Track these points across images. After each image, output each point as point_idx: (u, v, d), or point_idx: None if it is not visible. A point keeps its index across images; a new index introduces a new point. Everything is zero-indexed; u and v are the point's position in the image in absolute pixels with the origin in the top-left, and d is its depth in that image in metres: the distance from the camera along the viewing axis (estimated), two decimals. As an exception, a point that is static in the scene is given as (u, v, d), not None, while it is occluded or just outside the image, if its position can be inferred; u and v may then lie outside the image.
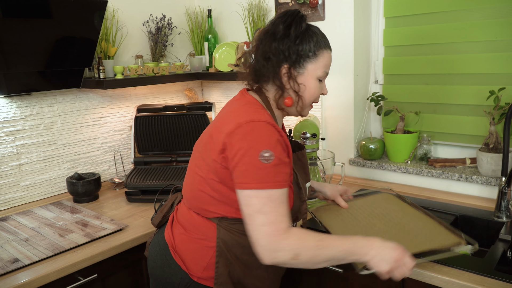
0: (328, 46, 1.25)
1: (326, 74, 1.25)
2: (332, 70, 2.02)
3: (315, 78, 1.21)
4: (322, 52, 1.21)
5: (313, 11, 2.07)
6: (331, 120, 2.11)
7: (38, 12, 1.70)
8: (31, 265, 1.37)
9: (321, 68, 1.22)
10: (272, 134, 1.10)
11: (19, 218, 1.77)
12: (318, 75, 1.21)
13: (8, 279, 1.30)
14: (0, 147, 1.82)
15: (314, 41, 1.20)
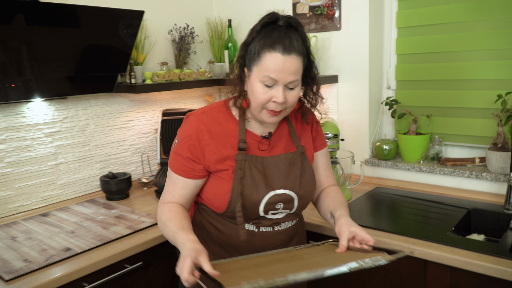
0: (275, 48, 1.11)
1: (271, 79, 1.13)
2: (348, 76, 2.18)
3: (258, 82, 1.15)
4: (265, 54, 1.12)
5: (330, 22, 2.22)
6: (347, 123, 2.25)
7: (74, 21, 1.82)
8: (83, 253, 1.49)
9: (263, 72, 1.13)
10: (190, 128, 1.26)
11: (59, 213, 1.88)
12: (260, 79, 1.14)
13: (64, 265, 1.41)
14: (40, 147, 1.94)
15: (261, 42, 1.14)
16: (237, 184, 1.23)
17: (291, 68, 1.13)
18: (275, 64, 1.11)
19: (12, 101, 1.76)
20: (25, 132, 1.88)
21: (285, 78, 1.13)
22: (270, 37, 1.13)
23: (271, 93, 1.15)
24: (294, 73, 1.14)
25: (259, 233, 1.30)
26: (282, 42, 1.12)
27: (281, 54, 1.11)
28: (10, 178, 1.85)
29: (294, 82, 1.15)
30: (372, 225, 1.63)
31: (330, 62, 2.26)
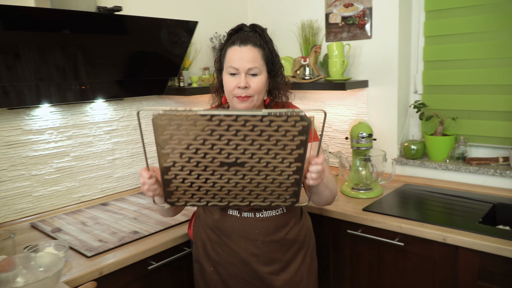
0: (234, 43, 1.37)
1: (233, 68, 1.35)
2: (378, 81, 2.35)
3: (226, 74, 1.39)
4: (228, 50, 1.39)
5: (361, 31, 2.40)
6: (376, 125, 2.42)
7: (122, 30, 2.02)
8: (149, 235, 1.68)
9: (227, 64, 1.38)
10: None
11: (117, 203, 2.08)
12: (227, 71, 1.38)
13: (134, 245, 1.60)
14: (99, 144, 2.14)
15: (226, 44, 1.41)
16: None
17: (247, 56, 1.35)
18: (234, 54, 1.36)
19: (75, 102, 1.96)
20: (88, 130, 2.09)
21: (244, 65, 1.35)
22: (233, 38, 1.40)
23: (236, 81, 1.37)
24: (251, 61, 1.36)
25: (241, 219, 1.43)
26: (240, 38, 1.38)
27: (238, 46, 1.37)
28: (74, 171, 2.05)
29: (253, 69, 1.36)
30: (404, 215, 1.79)
31: (361, 68, 2.44)
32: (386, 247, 1.80)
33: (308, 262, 1.53)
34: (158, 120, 1.04)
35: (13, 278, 1.29)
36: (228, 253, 1.44)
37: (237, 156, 1.10)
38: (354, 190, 2.10)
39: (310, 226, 1.61)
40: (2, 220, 1.83)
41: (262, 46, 1.38)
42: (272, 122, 1.04)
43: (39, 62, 1.74)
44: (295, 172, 1.13)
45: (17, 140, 1.85)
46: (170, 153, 1.09)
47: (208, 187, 1.16)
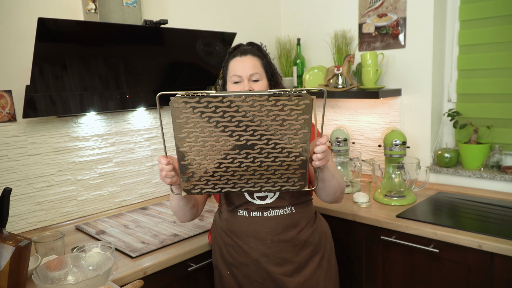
0: (235, 55, 1.52)
1: (236, 76, 1.49)
2: (412, 90, 2.36)
3: (230, 84, 1.52)
4: (229, 63, 1.53)
5: (394, 40, 2.42)
6: (409, 133, 2.43)
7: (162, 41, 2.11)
8: (188, 238, 1.75)
9: (230, 74, 1.52)
10: None
11: (156, 207, 2.16)
12: (231, 81, 1.52)
13: (176, 247, 1.67)
14: (140, 150, 2.24)
15: (228, 59, 1.55)
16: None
17: (248, 64, 1.49)
18: (236, 64, 1.50)
19: (121, 110, 2.06)
20: (129, 137, 2.19)
21: (246, 72, 1.48)
22: (233, 53, 1.55)
23: (240, 87, 1.49)
24: (252, 68, 1.49)
25: (250, 218, 1.50)
26: (239, 51, 1.53)
27: (239, 56, 1.52)
28: (116, 176, 2.15)
29: (255, 75, 1.49)
30: (438, 222, 1.80)
31: (394, 77, 2.46)
32: (420, 253, 1.81)
33: (325, 266, 1.57)
34: (175, 103, 1.12)
35: (64, 277, 1.38)
36: (240, 254, 1.51)
37: (247, 138, 1.18)
38: (387, 197, 2.11)
39: (326, 230, 1.65)
40: (49, 223, 1.93)
41: (260, 56, 1.53)
42: (277, 101, 1.12)
43: (84, 72, 1.85)
44: (301, 153, 1.20)
45: (65, 147, 1.96)
46: (186, 137, 1.17)
47: (222, 172, 1.24)
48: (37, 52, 1.61)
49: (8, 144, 1.79)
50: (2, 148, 1.78)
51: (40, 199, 1.90)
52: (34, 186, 1.88)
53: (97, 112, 1.99)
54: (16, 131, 1.81)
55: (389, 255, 1.92)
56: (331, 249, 1.63)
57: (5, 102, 1.77)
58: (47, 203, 1.92)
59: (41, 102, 1.75)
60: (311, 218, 1.58)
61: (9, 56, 1.77)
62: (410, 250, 1.84)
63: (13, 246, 1.27)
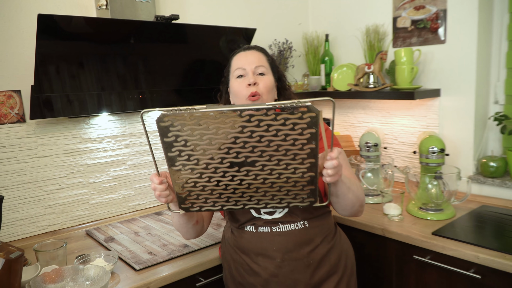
0: (239, 52, 1.43)
1: (240, 69, 1.38)
2: (452, 90, 2.14)
3: (233, 80, 1.39)
4: (232, 60, 1.43)
5: (433, 35, 2.20)
6: (449, 138, 2.20)
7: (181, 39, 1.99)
8: (199, 250, 1.62)
9: (233, 70, 1.40)
10: None
11: (170, 213, 2.05)
12: (234, 77, 1.39)
13: (184, 259, 1.55)
14: (155, 152, 2.13)
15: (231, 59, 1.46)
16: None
17: (252, 58, 1.39)
18: (239, 59, 1.40)
19: (134, 110, 1.96)
20: (144, 139, 2.09)
21: (250, 65, 1.37)
22: (235, 51, 1.46)
23: (245, 81, 1.36)
24: (257, 61, 1.38)
25: (257, 234, 1.35)
26: (243, 48, 1.45)
27: (243, 51, 1.42)
28: (131, 179, 2.06)
29: (260, 68, 1.38)
30: (481, 243, 1.58)
31: (432, 76, 2.24)
32: (460, 278, 1.60)
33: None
34: (161, 122, 0.99)
35: (60, 290, 1.29)
36: (249, 273, 1.36)
37: (246, 155, 1.04)
38: (422, 210, 1.91)
39: (346, 248, 1.46)
40: (60, 226, 1.86)
41: (265, 53, 1.44)
42: (278, 115, 0.97)
43: (100, 71, 1.76)
44: (309, 169, 1.05)
45: (76, 148, 1.88)
46: (177, 156, 1.05)
47: (221, 190, 1.12)
48: (38, 50, 1.52)
49: (17, 145, 1.72)
50: (11, 150, 1.71)
51: (50, 202, 1.83)
52: (44, 189, 1.80)
53: (110, 113, 1.90)
54: (26, 132, 1.74)
55: (423, 277, 1.72)
56: (352, 270, 1.45)
57: (14, 103, 1.70)
58: (58, 206, 1.85)
59: (48, 102, 1.67)
60: (329, 233, 1.40)
61: (18, 55, 1.70)
62: (447, 274, 1.63)
63: (3, 258, 1.18)
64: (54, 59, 1.61)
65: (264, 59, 1.41)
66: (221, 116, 0.98)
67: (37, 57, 1.54)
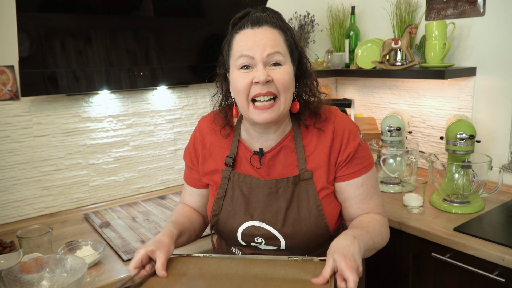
0: (243, 27, 1.01)
1: (246, 57, 0.99)
2: (490, 69, 1.90)
3: (235, 70, 1.02)
4: (235, 38, 1.03)
5: (471, 6, 1.94)
6: (483, 123, 1.96)
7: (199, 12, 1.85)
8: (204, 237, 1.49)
9: (236, 55, 1.01)
10: (193, 135, 1.23)
11: (174, 197, 1.95)
12: (236, 66, 1.01)
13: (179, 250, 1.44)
14: (161, 133, 2.02)
15: (231, 33, 1.05)
16: (215, 205, 1.12)
17: (265, 39, 0.99)
18: (246, 40, 1.00)
19: (140, 88, 1.84)
20: (149, 118, 1.98)
21: (262, 51, 0.98)
22: (239, 24, 1.04)
23: (251, 75, 0.99)
24: (271, 44, 0.99)
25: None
26: (250, 20, 1.02)
27: (250, 28, 1.01)
28: (134, 161, 1.97)
29: (275, 55, 0.99)
30: (509, 243, 1.38)
31: (467, 53, 1.99)
32: (482, 280, 1.41)
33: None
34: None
35: (38, 281, 1.21)
36: None
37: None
38: (446, 202, 1.71)
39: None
40: (58, 209, 1.80)
41: (282, 29, 1.03)
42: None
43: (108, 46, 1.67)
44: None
45: (74, 128, 1.79)
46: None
47: None
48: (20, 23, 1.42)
49: (10, 124, 1.65)
50: (4, 129, 1.64)
51: (47, 184, 1.76)
52: (41, 170, 1.74)
53: (111, 90, 1.80)
54: (19, 110, 1.66)
55: (443, 277, 1.54)
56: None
57: (7, 79, 1.63)
58: (55, 188, 1.78)
59: (45, 78, 1.58)
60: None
61: (10, 28, 1.60)
62: (468, 275, 1.45)
63: (-28, 247, 1.11)
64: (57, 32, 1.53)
65: (281, 39, 1.02)
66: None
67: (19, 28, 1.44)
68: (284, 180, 1.07)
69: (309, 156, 1.09)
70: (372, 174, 1.13)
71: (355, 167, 1.09)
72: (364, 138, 1.14)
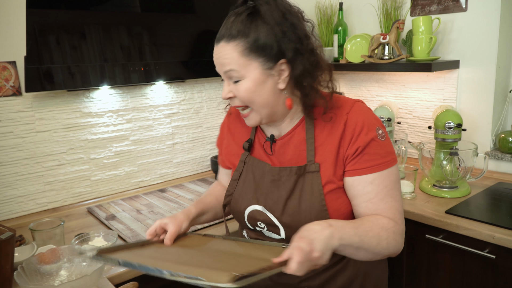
0: (216, 38, 1.01)
1: (222, 71, 1.00)
2: (472, 62, 2.01)
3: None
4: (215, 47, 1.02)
5: (454, 2, 2.05)
6: (467, 113, 2.08)
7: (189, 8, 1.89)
8: (203, 229, 1.56)
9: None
10: (223, 120, 1.30)
11: (175, 190, 1.99)
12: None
13: (186, 239, 1.49)
14: (159, 127, 2.06)
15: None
16: (229, 186, 1.17)
17: (221, 57, 0.99)
18: (216, 54, 1.01)
19: (139, 83, 1.88)
20: (148, 113, 2.01)
21: (220, 69, 1.01)
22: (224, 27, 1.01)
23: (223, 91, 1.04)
24: (224, 63, 0.98)
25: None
26: (220, 31, 1.01)
27: (215, 42, 1.01)
28: (133, 155, 2.00)
29: (229, 72, 0.98)
30: (497, 222, 1.49)
31: (451, 46, 2.10)
32: (473, 258, 1.52)
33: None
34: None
35: (56, 271, 1.24)
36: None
37: None
38: (435, 188, 1.82)
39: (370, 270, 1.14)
40: (60, 204, 1.82)
41: (244, 34, 0.96)
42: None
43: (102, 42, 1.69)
44: None
45: (76, 123, 1.81)
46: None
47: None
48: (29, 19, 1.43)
49: (13, 120, 1.66)
50: (7, 124, 1.65)
51: (49, 179, 1.78)
52: (43, 165, 1.75)
53: (114, 85, 1.82)
54: (22, 106, 1.67)
55: (436, 257, 1.65)
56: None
57: (9, 75, 1.63)
58: (58, 183, 1.80)
59: (46, 74, 1.59)
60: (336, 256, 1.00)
61: (12, 24, 1.61)
62: (460, 254, 1.56)
63: (-7, 239, 1.13)
64: (52, 27, 1.54)
65: (236, 51, 0.97)
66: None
67: (29, 26, 1.46)
68: (287, 169, 1.06)
69: (318, 147, 1.05)
70: (389, 174, 1.02)
71: (365, 163, 1.01)
72: (384, 134, 1.05)
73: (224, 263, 0.93)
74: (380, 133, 1.04)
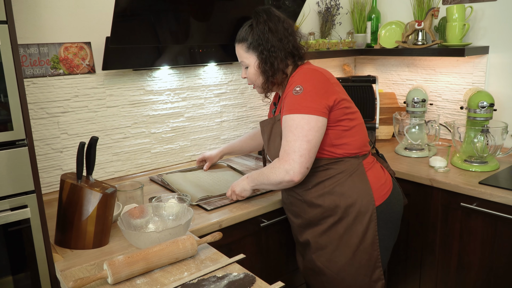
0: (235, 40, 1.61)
1: (239, 61, 1.60)
2: (501, 48, 2.17)
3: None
4: None
5: (485, -8, 2.20)
6: (495, 95, 2.23)
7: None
8: (262, 194, 1.73)
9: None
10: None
11: (225, 163, 2.17)
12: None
13: (250, 202, 1.67)
14: (209, 106, 2.23)
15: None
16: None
17: (237, 53, 1.60)
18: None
19: (194, 64, 2.04)
20: (200, 92, 2.18)
21: (239, 60, 1.61)
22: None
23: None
24: (239, 56, 1.60)
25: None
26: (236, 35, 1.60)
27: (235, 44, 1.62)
28: (187, 131, 2.17)
29: (241, 62, 1.59)
30: (527, 192, 1.66)
31: (481, 33, 2.25)
32: (505, 222, 1.70)
33: (340, 232, 1.50)
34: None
35: (145, 224, 1.42)
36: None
37: None
38: (466, 163, 1.99)
39: (354, 198, 1.48)
40: (125, 173, 2.00)
41: (243, 39, 1.55)
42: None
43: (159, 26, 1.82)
44: None
45: (140, 100, 1.98)
46: None
47: None
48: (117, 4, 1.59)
49: (88, 95, 1.84)
50: (83, 99, 1.83)
51: (117, 150, 1.96)
52: (112, 137, 1.93)
53: (170, 66, 1.99)
54: (95, 83, 1.85)
55: (469, 223, 1.82)
56: (357, 219, 1.48)
57: (85, 54, 1.80)
58: (123, 154, 1.98)
59: (118, 54, 1.76)
60: (325, 180, 1.50)
61: (88, 8, 1.78)
62: (493, 219, 1.73)
63: (100, 193, 1.31)
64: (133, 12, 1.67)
65: (242, 50, 1.57)
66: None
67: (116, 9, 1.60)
68: (266, 121, 1.61)
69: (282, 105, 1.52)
70: (290, 119, 1.42)
71: (283, 108, 1.47)
72: (301, 90, 1.43)
73: (216, 186, 1.78)
74: (298, 90, 1.45)
